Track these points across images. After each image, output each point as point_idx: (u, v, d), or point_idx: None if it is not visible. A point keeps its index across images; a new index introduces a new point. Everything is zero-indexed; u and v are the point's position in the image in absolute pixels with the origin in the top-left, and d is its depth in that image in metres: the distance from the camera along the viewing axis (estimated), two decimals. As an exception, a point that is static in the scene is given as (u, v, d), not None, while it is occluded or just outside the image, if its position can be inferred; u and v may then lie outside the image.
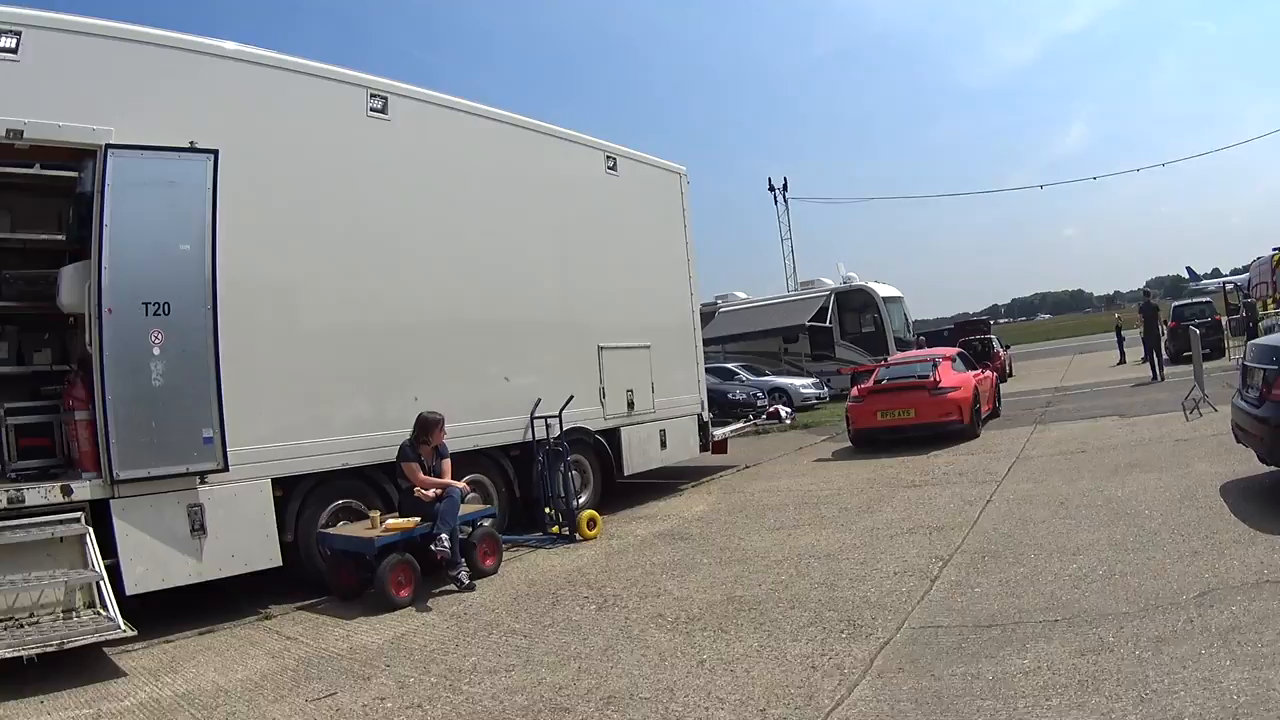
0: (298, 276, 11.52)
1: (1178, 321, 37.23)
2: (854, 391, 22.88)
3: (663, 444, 17.71)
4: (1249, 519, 9.98)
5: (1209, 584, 7.93)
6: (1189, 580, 8.13)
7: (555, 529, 14.10)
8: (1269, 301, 36.70)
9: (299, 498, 11.26)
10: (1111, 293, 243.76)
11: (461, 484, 11.90)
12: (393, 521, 10.95)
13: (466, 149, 14.08)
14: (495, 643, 8.72)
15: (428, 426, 11.66)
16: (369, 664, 8.36)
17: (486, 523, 12.47)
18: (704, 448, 19.33)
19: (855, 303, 43.19)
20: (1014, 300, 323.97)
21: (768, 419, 30.03)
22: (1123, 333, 45.02)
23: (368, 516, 11.35)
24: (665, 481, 19.01)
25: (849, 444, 22.41)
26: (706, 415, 19.51)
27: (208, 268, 10.01)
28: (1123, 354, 43.39)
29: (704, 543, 12.71)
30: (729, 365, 39.92)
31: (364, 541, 10.60)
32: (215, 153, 10.14)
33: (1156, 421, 19.46)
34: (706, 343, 43.04)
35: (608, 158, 17.20)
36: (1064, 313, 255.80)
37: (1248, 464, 12.31)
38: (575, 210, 16.15)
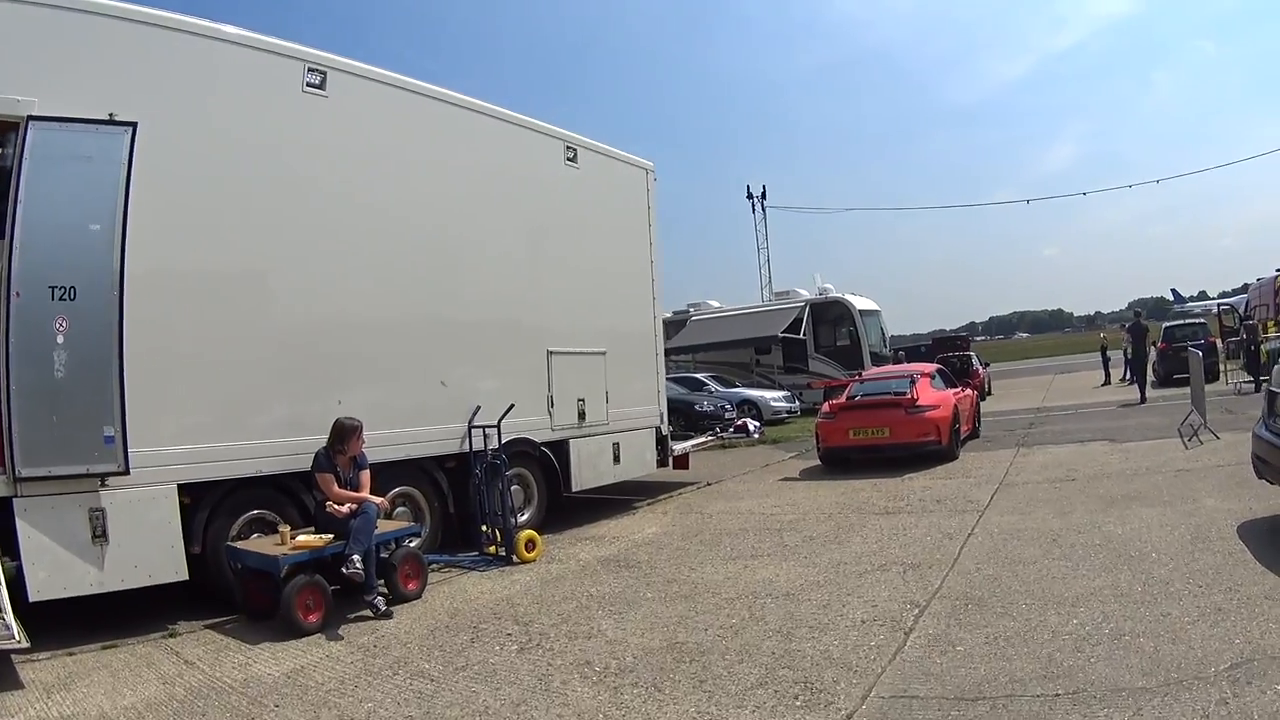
0: (216, 263, 10.59)
1: (1168, 343, 36.46)
2: (825, 407, 21.58)
3: (616, 458, 16.47)
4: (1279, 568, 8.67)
5: (1242, 652, 6.60)
6: (1216, 647, 6.78)
7: (492, 549, 12.90)
8: (1270, 324, 35.49)
9: (208, 507, 10.27)
10: (1093, 313, 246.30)
11: (380, 499, 10.61)
12: (303, 538, 9.98)
13: (411, 131, 13.04)
14: (398, 686, 7.66)
15: (344, 434, 10.55)
16: (258, 701, 7.45)
17: (412, 542, 11.60)
18: (662, 463, 18.14)
19: (831, 315, 42.31)
20: (992, 318, 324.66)
21: (735, 432, 28.29)
22: (1108, 352, 44.06)
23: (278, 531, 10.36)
24: (619, 498, 17.80)
25: (818, 462, 21.19)
26: (666, 428, 18.32)
27: (117, 250, 9.24)
28: (1108, 374, 42.69)
29: (650, 572, 11.46)
30: (698, 375, 38.93)
31: (269, 559, 9.58)
32: (134, 125, 9.39)
33: (1152, 448, 18.32)
34: (677, 351, 43.15)
35: (567, 148, 15.96)
36: (1043, 332, 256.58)
37: (1266, 501, 11.23)
38: (529, 203, 15.05)
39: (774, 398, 37.00)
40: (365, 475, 10.72)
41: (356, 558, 9.75)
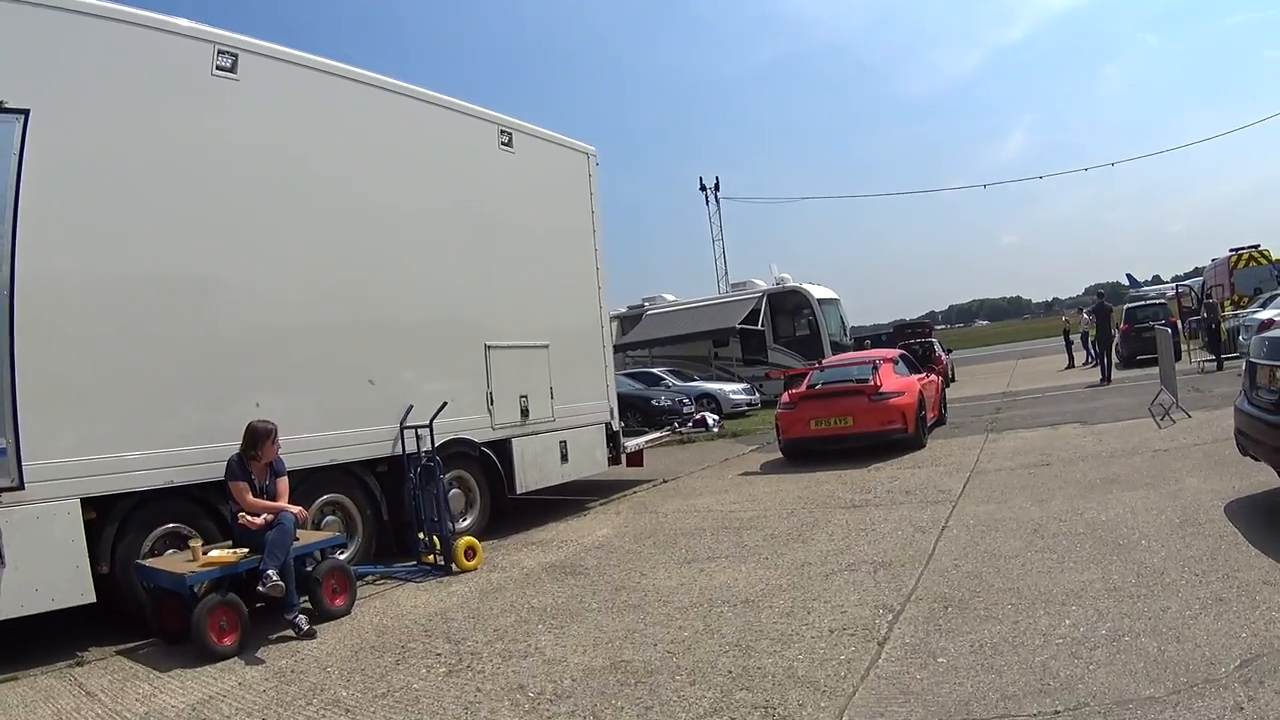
0: (118, 259, 9.72)
1: (1130, 324, 36.39)
2: (784, 397, 20.61)
3: (563, 457, 15.60)
4: (1274, 551, 8.04)
5: (1250, 647, 5.91)
6: (1223, 643, 6.07)
7: (430, 558, 12.00)
8: (1227, 302, 35.92)
9: (115, 521, 9.35)
10: (1050, 299, 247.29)
11: (298, 508, 9.79)
12: (215, 554, 9.15)
13: (331, 116, 12.23)
14: (309, 719, 6.78)
15: (257, 438, 9.76)
16: (156, 738, 6.67)
17: (343, 553, 11.33)
18: (614, 460, 17.31)
19: (789, 304, 41.59)
20: (951, 306, 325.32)
21: (693, 427, 27.61)
22: (1071, 336, 43.64)
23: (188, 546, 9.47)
24: (570, 499, 16.94)
25: (779, 455, 20.37)
26: (617, 424, 17.49)
27: (6, 247, 8.56)
28: (1071, 358, 42.11)
29: (599, 579, 10.58)
30: (655, 370, 38.33)
31: (177, 578, 8.75)
32: (26, 113, 8.74)
33: (1125, 429, 17.76)
34: (633, 346, 42.82)
35: (502, 132, 15.08)
36: (1002, 319, 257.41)
37: (1250, 478, 10.69)
38: (461, 190, 14.20)
39: (733, 390, 36.34)
40: (283, 483, 9.95)
41: (272, 573, 8.93)
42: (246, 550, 9.20)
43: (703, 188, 62.17)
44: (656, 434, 20.64)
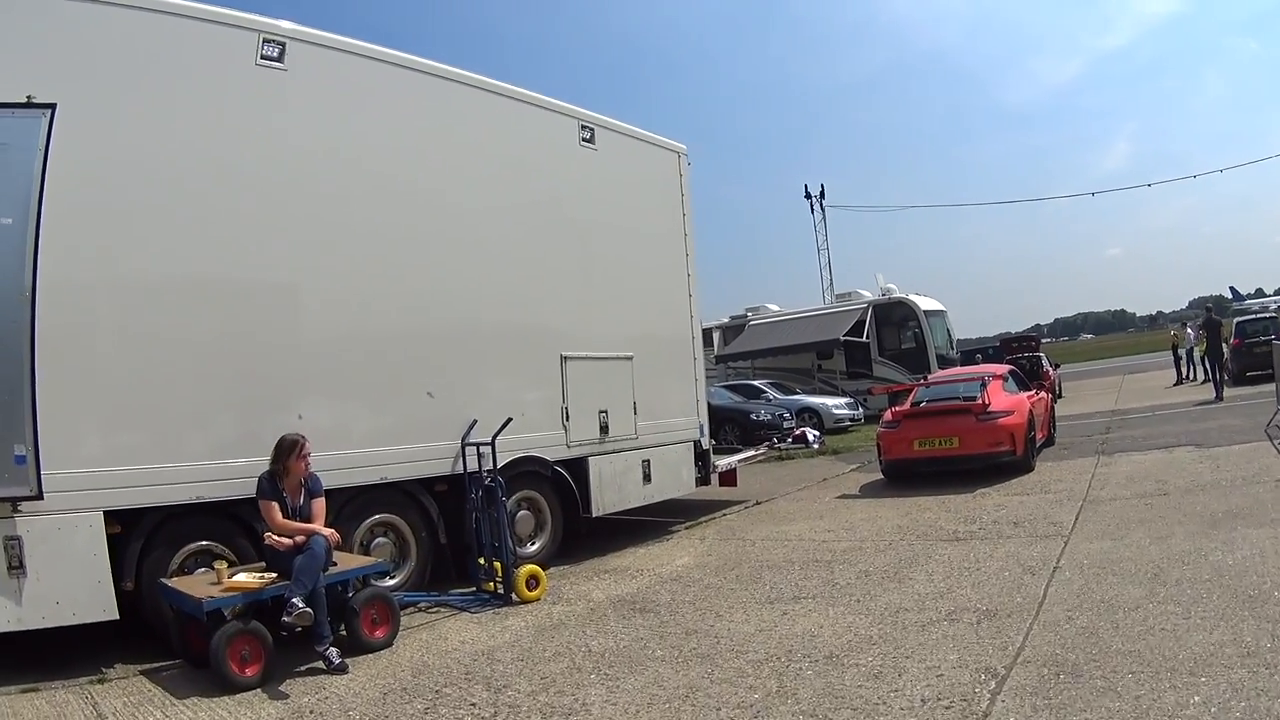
0: (148, 261, 9.23)
1: (1241, 339, 34.62)
2: (887, 415, 19.47)
3: (646, 477, 14.69)
4: None
5: None
6: None
7: (490, 586, 11.24)
8: None
9: (141, 537, 8.92)
10: (1154, 312, 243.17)
11: (329, 530, 9.07)
12: (240, 578, 8.65)
13: (390, 110, 11.54)
14: None
15: (281, 451, 9.16)
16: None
17: (395, 578, 10.96)
18: (703, 480, 16.32)
19: (895, 316, 40.20)
20: (1056, 320, 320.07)
21: (793, 443, 26.70)
22: (1180, 350, 41.47)
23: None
24: (654, 519, 16.07)
25: (880, 476, 19.26)
26: (708, 441, 16.49)
27: (30, 247, 8.10)
28: (1180, 373, 40.38)
29: (669, 619, 9.64)
30: (756, 382, 37.28)
31: (193, 601, 8.21)
32: (52, 108, 8.28)
33: (1242, 454, 16.36)
34: (734, 358, 42.39)
35: (583, 128, 14.25)
36: (1106, 332, 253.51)
37: None
38: (536, 189, 13.37)
39: (836, 405, 35.08)
40: (318, 504, 9.30)
41: (298, 601, 8.20)
42: (275, 575, 8.66)
43: (808, 195, 60.48)
44: (750, 452, 19.58)
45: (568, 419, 13.32)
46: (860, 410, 35.56)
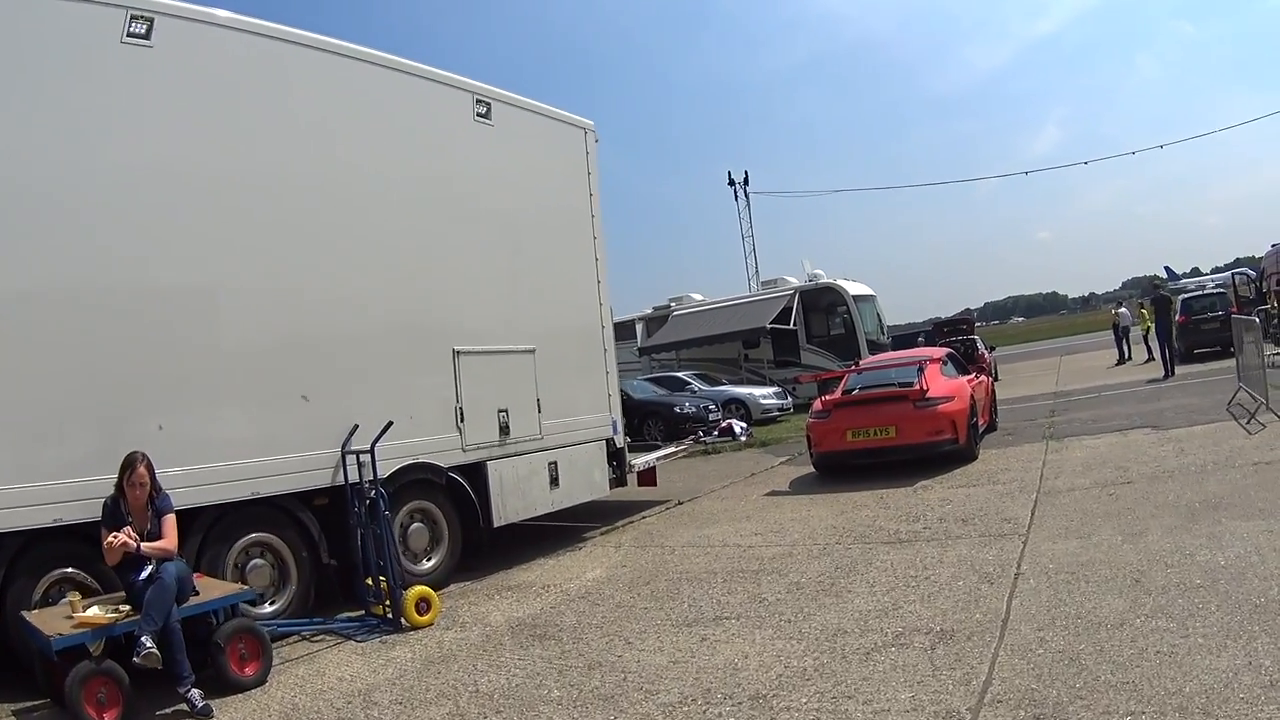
0: None
1: (1188, 316, 34.03)
2: (817, 404, 18.11)
3: (553, 481, 13.35)
4: None
5: None
6: None
7: (379, 609, 10.03)
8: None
9: (2, 564, 8.07)
10: (1087, 294, 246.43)
11: (175, 555, 8.14)
12: (94, 611, 7.65)
13: (265, 86, 10.44)
14: None
15: (120, 470, 8.06)
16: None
17: (273, 604, 9.90)
18: (618, 481, 15.11)
19: (823, 302, 39.40)
20: (986, 304, 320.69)
21: (720, 436, 26.29)
22: (1121, 329, 40.48)
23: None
24: (567, 525, 14.70)
25: (811, 469, 17.95)
26: (622, 439, 15.20)
27: None
28: (1123, 352, 39.39)
29: (572, 648, 8.36)
30: (680, 374, 36.46)
31: (43, 638, 7.36)
32: None
33: (1206, 435, 15.31)
34: (658, 349, 41.16)
35: (478, 102, 12.95)
36: (1038, 315, 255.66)
37: None
38: (426, 169, 12.19)
39: (763, 395, 34.00)
40: (169, 522, 8.22)
41: (146, 640, 7.23)
42: (130, 608, 7.65)
43: (731, 182, 59.96)
44: (671, 449, 18.16)
45: (463, 420, 12.01)
46: (789, 400, 34.68)
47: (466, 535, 12.12)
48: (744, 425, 27.90)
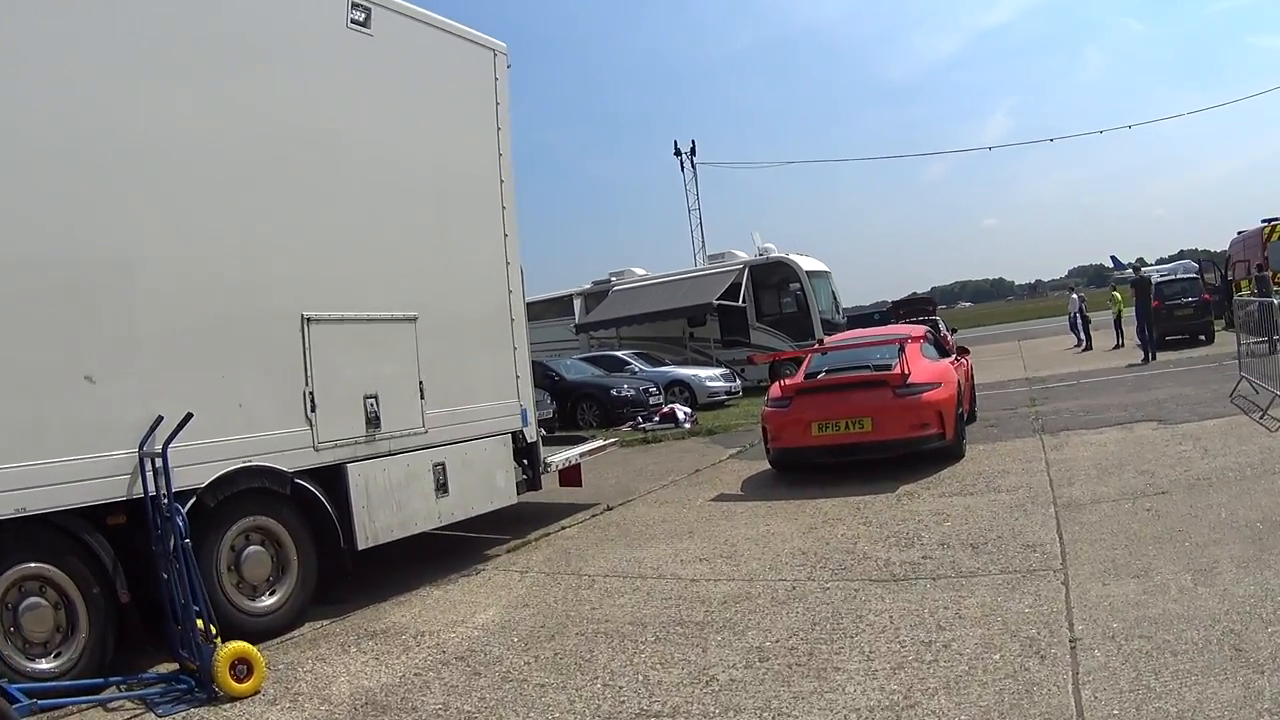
0: None
1: (1160, 301, 32.07)
2: (775, 391, 15.13)
3: (441, 487, 10.48)
4: None
5: None
6: None
7: (194, 666, 7.32)
8: (1244, 282, 33.02)
9: None
10: (1034, 281, 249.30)
11: None
12: None
13: None
14: None
15: None
16: None
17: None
18: (530, 484, 12.26)
19: (774, 278, 37.43)
20: (933, 288, 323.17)
21: (661, 422, 24.43)
22: (1087, 314, 38.89)
23: None
24: (469, 535, 12.02)
25: (766, 465, 15.12)
26: (534, 431, 12.32)
27: None
28: (1087, 337, 37.72)
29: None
30: (620, 354, 34.30)
31: None
32: None
33: (1221, 431, 13.25)
34: (596, 326, 39.26)
35: (354, 5, 10.13)
36: (985, 300, 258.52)
37: None
38: (276, 87, 9.36)
39: (710, 377, 31.63)
40: None
41: None
42: None
43: (677, 152, 57.40)
44: (597, 443, 14.84)
45: (314, 409, 9.17)
46: (738, 382, 32.45)
47: (325, 559, 9.35)
48: (688, 411, 25.89)
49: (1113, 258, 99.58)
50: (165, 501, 7.43)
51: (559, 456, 13.04)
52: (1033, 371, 29.52)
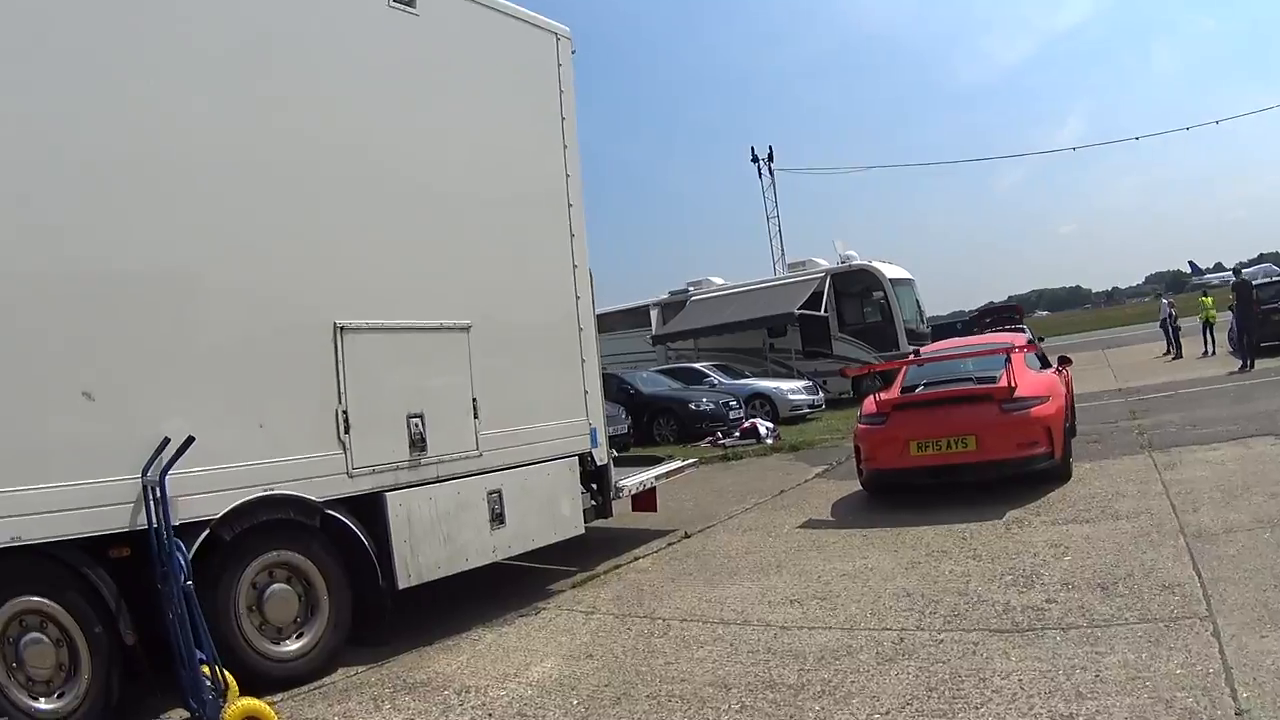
0: None
1: (1256, 305, 30.06)
2: (869, 406, 13.72)
3: (497, 517, 9.41)
4: None
5: None
6: None
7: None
8: None
9: None
10: (1110, 288, 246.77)
11: None
12: None
13: None
14: None
15: None
16: None
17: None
18: (600, 511, 11.16)
19: (856, 286, 36.00)
20: (1009, 297, 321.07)
21: (742, 437, 23.30)
22: (1178, 320, 37.12)
23: None
24: (529, 565, 10.96)
25: (856, 487, 13.88)
26: (605, 453, 11.20)
27: None
28: (1177, 344, 35.86)
29: None
30: (698, 365, 33.13)
31: None
32: None
33: None
34: (674, 337, 38.19)
35: (396, -17, 9.16)
36: (1062, 309, 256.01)
37: None
38: (310, 73, 8.48)
39: (791, 389, 30.30)
40: None
41: None
42: None
43: (755, 159, 55.39)
44: (675, 464, 13.56)
45: (347, 430, 8.14)
46: (820, 395, 31.20)
47: (362, 598, 8.32)
48: (770, 425, 24.68)
49: (1191, 263, 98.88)
50: (166, 535, 6.60)
51: (633, 480, 11.94)
52: (1124, 381, 27.98)
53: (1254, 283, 33.69)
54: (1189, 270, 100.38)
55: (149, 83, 7.15)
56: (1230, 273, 48.90)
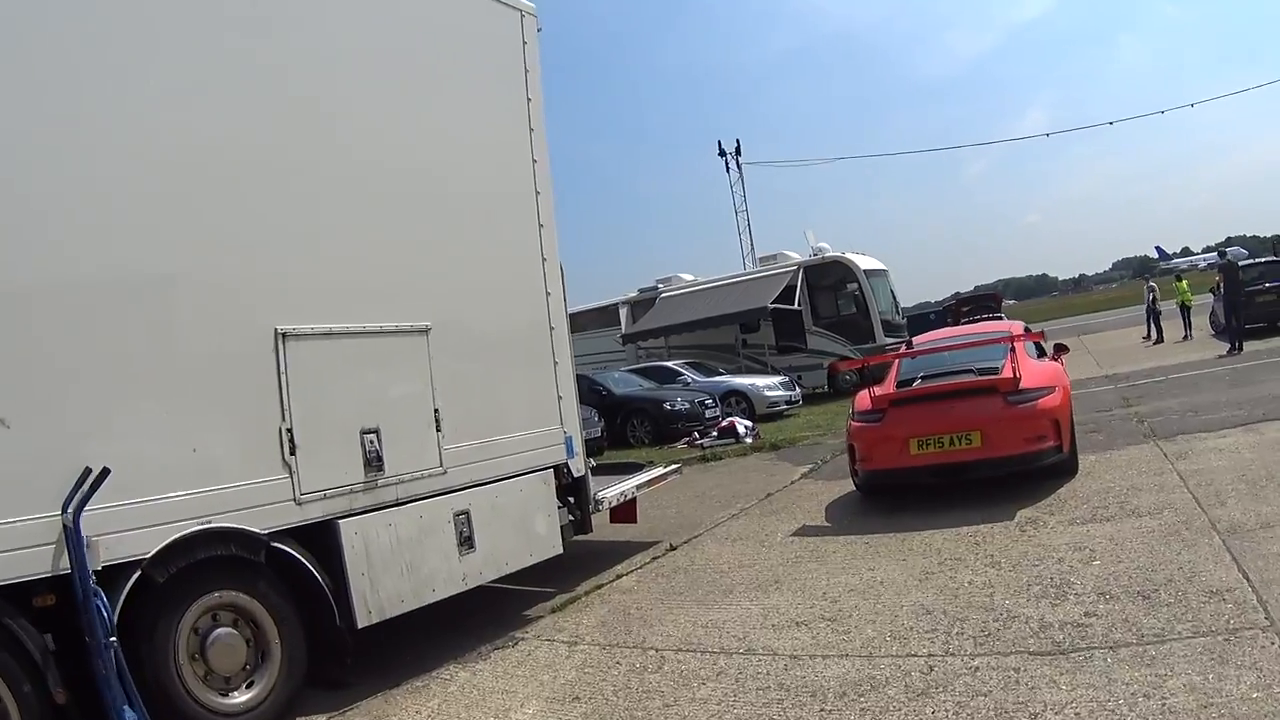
0: None
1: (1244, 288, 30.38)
2: (864, 401, 12.75)
3: (465, 541, 8.50)
4: None
5: None
6: None
7: None
8: None
9: None
10: (1077, 275, 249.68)
11: None
12: None
13: None
14: None
15: None
16: None
17: None
18: (579, 527, 10.33)
19: (830, 279, 35.49)
20: (976, 287, 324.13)
21: (720, 436, 22.73)
22: (1159, 304, 36.71)
23: None
24: (506, 587, 10.01)
25: (848, 486, 13.20)
26: (582, 463, 10.37)
27: None
28: (1158, 329, 35.57)
29: None
30: (670, 364, 32.62)
31: None
32: None
33: None
34: (644, 335, 37.33)
35: (348, -56, 8.28)
36: (1029, 297, 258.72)
37: None
38: (243, 48, 7.50)
39: (768, 386, 29.58)
40: None
41: None
42: None
43: (722, 153, 55.42)
44: (657, 472, 12.73)
45: (293, 450, 7.24)
46: (797, 391, 30.54)
47: (319, 638, 7.44)
48: (748, 424, 24.04)
49: (1158, 248, 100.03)
50: (84, 580, 5.82)
51: (613, 491, 11.10)
52: (1109, 368, 27.49)
53: (1243, 264, 33.71)
54: (1156, 255, 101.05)
55: (51, 70, 6.31)
56: (1215, 254, 48.63)
